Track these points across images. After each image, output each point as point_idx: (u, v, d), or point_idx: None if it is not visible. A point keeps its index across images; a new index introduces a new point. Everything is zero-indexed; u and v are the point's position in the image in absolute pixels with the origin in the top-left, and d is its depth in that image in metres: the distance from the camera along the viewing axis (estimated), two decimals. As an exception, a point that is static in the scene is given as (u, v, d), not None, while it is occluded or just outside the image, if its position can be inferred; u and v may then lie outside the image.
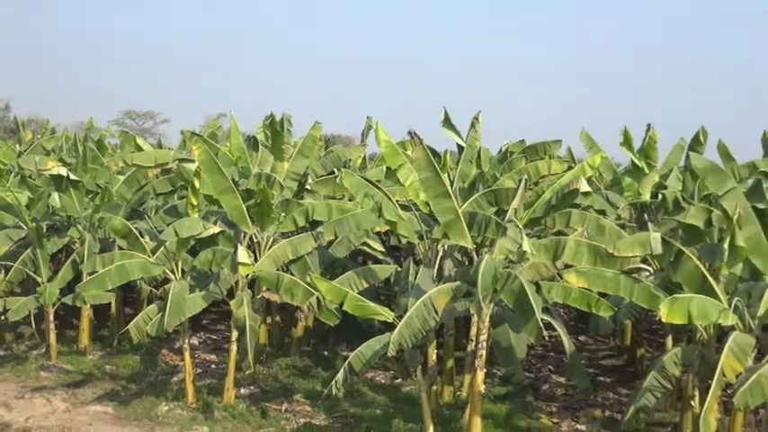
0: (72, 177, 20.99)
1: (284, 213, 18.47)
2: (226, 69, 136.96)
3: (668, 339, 17.95)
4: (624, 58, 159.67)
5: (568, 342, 16.80)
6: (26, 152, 27.01)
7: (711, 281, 13.59)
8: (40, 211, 21.35)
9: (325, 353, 21.89)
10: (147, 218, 21.15)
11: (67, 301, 20.04)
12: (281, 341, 22.44)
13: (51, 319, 20.85)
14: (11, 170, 24.29)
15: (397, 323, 14.20)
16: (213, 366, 21.01)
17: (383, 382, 19.90)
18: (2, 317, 20.96)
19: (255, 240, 18.25)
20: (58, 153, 27.56)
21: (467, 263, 17.27)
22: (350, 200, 19.66)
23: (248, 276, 17.42)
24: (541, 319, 13.48)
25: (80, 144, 24.01)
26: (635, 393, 14.42)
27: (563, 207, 16.97)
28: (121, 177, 22.01)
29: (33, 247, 20.66)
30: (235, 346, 17.63)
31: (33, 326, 21.91)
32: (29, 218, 21.12)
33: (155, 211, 22.10)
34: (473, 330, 16.01)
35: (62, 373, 19.99)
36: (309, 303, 16.95)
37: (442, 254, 17.20)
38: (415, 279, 16.37)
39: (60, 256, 22.83)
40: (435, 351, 16.96)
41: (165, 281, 18.31)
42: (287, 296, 17.09)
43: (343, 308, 14.76)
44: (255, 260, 17.55)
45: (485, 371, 15.56)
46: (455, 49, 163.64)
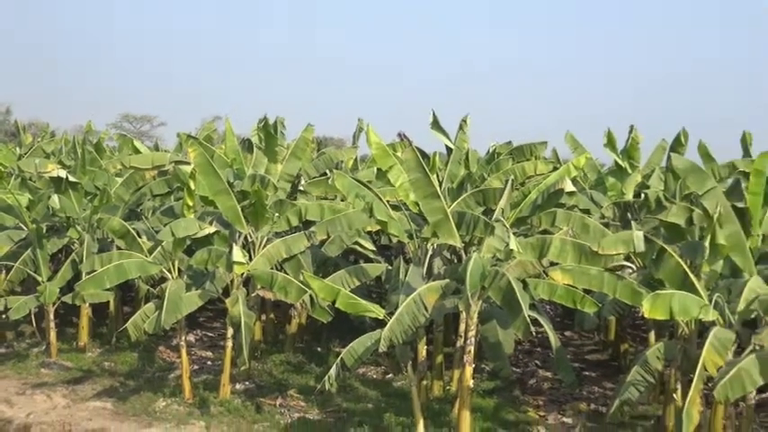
0: (71, 179, 20.92)
1: (278, 213, 18.43)
2: (221, 73, 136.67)
3: (651, 335, 17.95)
4: (624, 58, 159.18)
5: (554, 337, 16.79)
6: (26, 155, 26.98)
7: (692, 278, 13.58)
8: (40, 213, 21.29)
9: (319, 349, 21.85)
10: (145, 218, 21.10)
11: (67, 299, 19.95)
12: (275, 338, 22.41)
13: (51, 317, 20.79)
14: (11, 173, 24.22)
15: (388, 320, 14.18)
16: (209, 363, 20.95)
17: (375, 377, 19.88)
18: (3, 315, 20.87)
19: (250, 240, 18.21)
20: (58, 156, 27.47)
21: (455, 261, 17.25)
22: (342, 200, 19.63)
23: (243, 275, 17.37)
24: (528, 316, 13.50)
25: (79, 147, 23.93)
26: (619, 387, 14.42)
27: (549, 206, 16.95)
28: (119, 179, 21.99)
29: (34, 247, 20.59)
30: (230, 343, 17.57)
31: (34, 324, 21.86)
32: (29, 219, 21.06)
33: (152, 211, 22.05)
34: (462, 327, 15.99)
35: (62, 370, 19.92)
36: (303, 301, 16.92)
37: (431, 252, 17.18)
38: (405, 277, 16.34)
39: (60, 256, 22.75)
40: (425, 347, 16.93)
41: (162, 280, 18.28)
42: (281, 294, 17.07)
43: (336, 305, 14.76)
44: (250, 259, 17.51)
45: (473, 366, 15.56)
46: (452, 53, 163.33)
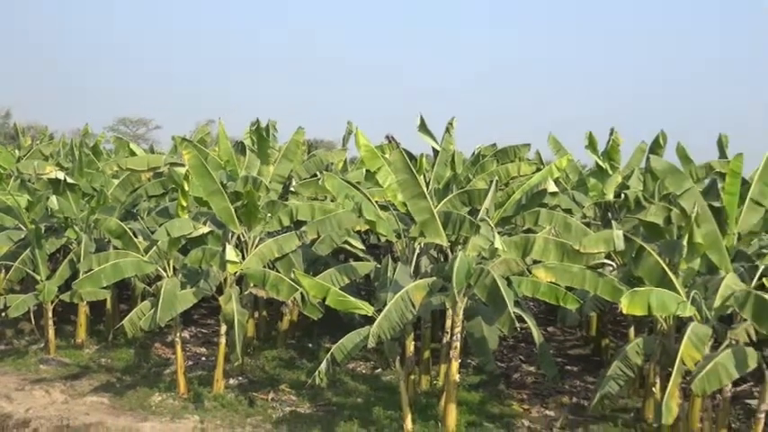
0: (69, 181, 20.81)
1: (270, 214, 18.40)
2: (215, 76, 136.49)
3: (631, 330, 17.99)
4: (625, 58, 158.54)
5: (538, 333, 16.79)
6: (25, 157, 26.82)
7: (671, 275, 13.63)
8: (39, 213, 21.20)
9: (310, 345, 21.81)
10: (141, 219, 21.03)
11: (65, 298, 19.84)
12: (267, 334, 22.35)
13: (50, 315, 20.67)
14: (11, 174, 24.07)
15: (377, 317, 14.20)
16: (203, 359, 20.89)
17: (364, 372, 19.85)
18: (3, 313, 20.76)
19: (243, 239, 18.17)
20: (56, 158, 27.35)
21: (442, 259, 17.25)
22: (332, 201, 19.60)
23: (236, 273, 17.33)
24: (513, 312, 13.52)
25: (76, 149, 23.83)
26: (600, 381, 14.43)
27: (532, 206, 17.01)
28: (116, 181, 21.88)
29: (32, 247, 20.49)
30: (224, 340, 17.54)
31: (33, 322, 21.71)
32: (28, 220, 20.98)
33: (147, 212, 22.00)
34: (448, 323, 16.00)
35: (60, 367, 19.81)
36: (294, 298, 16.92)
37: (418, 251, 17.17)
38: (393, 275, 16.32)
39: (58, 255, 22.63)
40: (413, 343, 16.92)
41: (158, 278, 18.22)
42: (273, 292, 17.05)
43: (326, 302, 14.77)
44: (243, 258, 17.48)
45: (459, 361, 15.59)
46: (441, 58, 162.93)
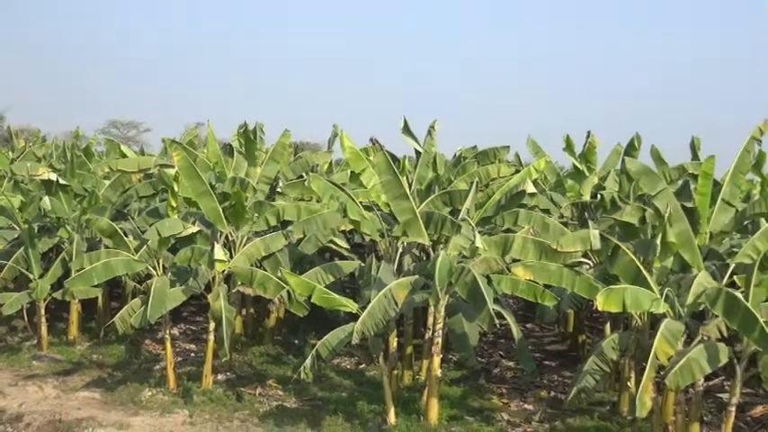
0: (61, 182, 20.73)
1: (257, 214, 18.34)
2: (204, 80, 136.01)
3: (607, 326, 18.04)
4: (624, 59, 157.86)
5: (517, 329, 16.82)
6: (18, 159, 26.64)
7: (645, 273, 13.65)
8: (32, 214, 21.07)
9: (296, 341, 21.77)
10: (131, 219, 20.94)
11: (57, 295, 19.77)
12: (254, 331, 22.31)
13: (42, 312, 20.57)
14: (4, 176, 23.94)
15: (361, 313, 14.17)
16: (192, 355, 20.83)
17: (348, 367, 19.83)
18: (-4, 311, 20.66)
19: (231, 239, 18.10)
20: (49, 160, 27.23)
21: (424, 258, 17.24)
22: (317, 201, 19.55)
23: (224, 272, 17.26)
24: (492, 309, 13.52)
25: (68, 151, 23.72)
26: (577, 375, 14.45)
27: (511, 207, 17.00)
28: (107, 182, 21.77)
29: (26, 246, 20.38)
30: (212, 336, 17.47)
31: (26, 319, 21.62)
32: (21, 219, 20.87)
33: (138, 212, 21.91)
34: (430, 320, 15.97)
35: (53, 363, 19.71)
36: (280, 296, 16.87)
37: (401, 250, 17.15)
38: (377, 273, 16.30)
39: (51, 254, 22.48)
40: (396, 339, 16.88)
41: (148, 276, 18.13)
42: (260, 290, 17.00)
43: (312, 300, 14.72)
44: (231, 257, 17.41)
45: (441, 356, 15.62)
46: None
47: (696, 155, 20.57)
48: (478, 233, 14.78)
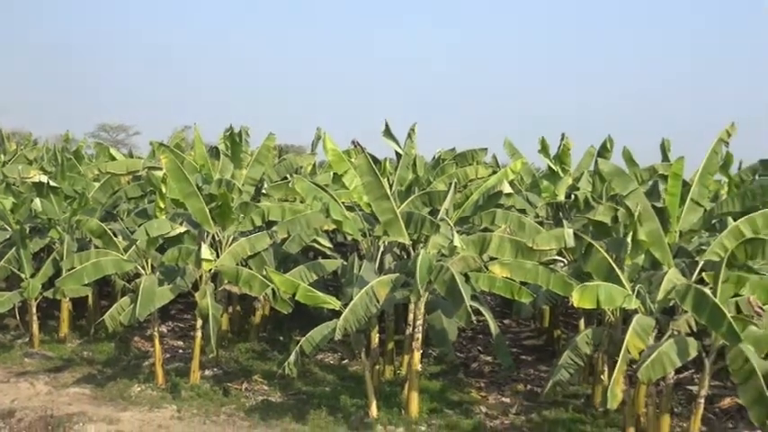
0: (52, 184, 20.64)
1: (243, 214, 18.29)
2: (191, 83, 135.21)
3: (581, 322, 18.05)
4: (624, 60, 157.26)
5: (494, 325, 16.83)
6: (10, 162, 26.43)
7: (617, 270, 13.70)
8: (24, 215, 20.95)
9: (281, 338, 21.72)
10: (120, 220, 20.85)
11: (49, 294, 19.67)
12: (240, 328, 22.24)
13: (34, 311, 20.45)
14: (-4, 178, 23.80)
15: (344, 310, 14.18)
16: (180, 351, 20.73)
17: (331, 362, 19.80)
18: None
19: (217, 239, 18.04)
20: (40, 162, 27.03)
21: (405, 257, 17.22)
22: (301, 202, 19.51)
23: (211, 271, 17.21)
24: (470, 306, 13.53)
25: (59, 154, 23.63)
26: (552, 369, 14.51)
27: (488, 207, 17.03)
28: (97, 184, 21.67)
29: (17, 246, 20.25)
30: (199, 333, 17.42)
31: (18, 317, 21.49)
32: (13, 221, 20.75)
33: (127, 213, 21.77)
34: (410, 316, 15.98)
35: (44, 360, 19.60)
36: (266, 294, 16.82)
37: (382, 249, 17.14)
38: (359, 271, 16.27)
39: (42, 254, 22.32)
40: (377, 335, 16.86)
41: (137, 275, 18.04)
42: (245, 288, 16.95)
43: (296, 298, 14.76)
44: (217, 256, 17.37)
45: (421, 351, 15.64)
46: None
47: (666, 156, 20.68)
48: (457, 232, 14.83)
